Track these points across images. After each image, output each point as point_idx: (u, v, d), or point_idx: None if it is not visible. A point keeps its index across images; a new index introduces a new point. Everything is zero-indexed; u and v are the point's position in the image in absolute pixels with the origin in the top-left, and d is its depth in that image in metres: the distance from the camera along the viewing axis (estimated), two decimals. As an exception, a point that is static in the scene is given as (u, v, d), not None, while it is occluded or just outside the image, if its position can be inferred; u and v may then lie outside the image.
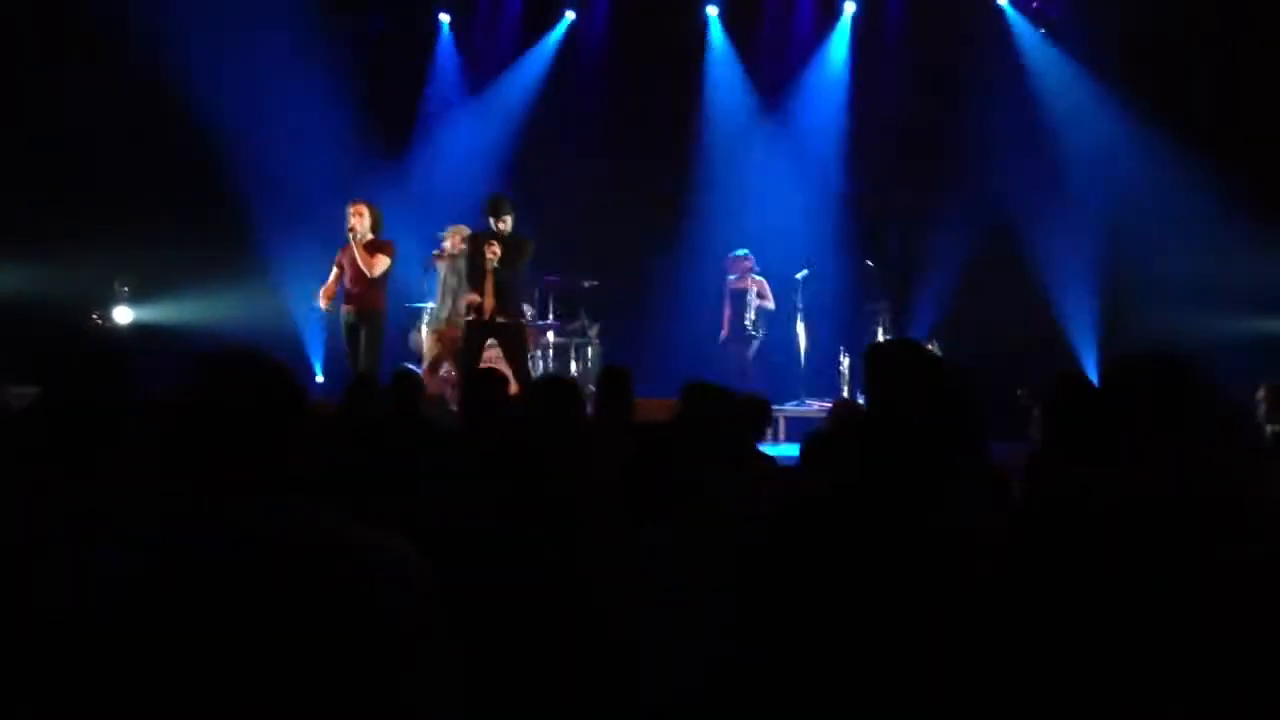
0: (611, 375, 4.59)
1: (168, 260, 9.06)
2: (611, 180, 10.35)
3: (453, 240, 8.13)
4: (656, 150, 10.38)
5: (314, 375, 9.97)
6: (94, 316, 9.08)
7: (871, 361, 2.48)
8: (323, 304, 7.71)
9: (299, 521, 1.46)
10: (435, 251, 8.30)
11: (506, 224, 7.42)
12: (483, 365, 8.08)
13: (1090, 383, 3.66)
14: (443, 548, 1.82)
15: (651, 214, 10.16)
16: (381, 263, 7.47)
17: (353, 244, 7.44)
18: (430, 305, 8.47)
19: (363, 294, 7.51)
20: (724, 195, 10.29)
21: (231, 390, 1.50)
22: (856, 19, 10.48)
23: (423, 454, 3.35)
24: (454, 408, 7.22)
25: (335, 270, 7.63)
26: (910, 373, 2.10)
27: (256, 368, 1.55)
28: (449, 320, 8.07)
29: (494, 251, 7.30)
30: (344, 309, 7.62)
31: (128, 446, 2.41)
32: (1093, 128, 9.46)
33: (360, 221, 7.48)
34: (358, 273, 7.47)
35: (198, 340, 8.08)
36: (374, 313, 7.58)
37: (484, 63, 10.93)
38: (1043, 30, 10.03)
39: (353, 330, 7.58)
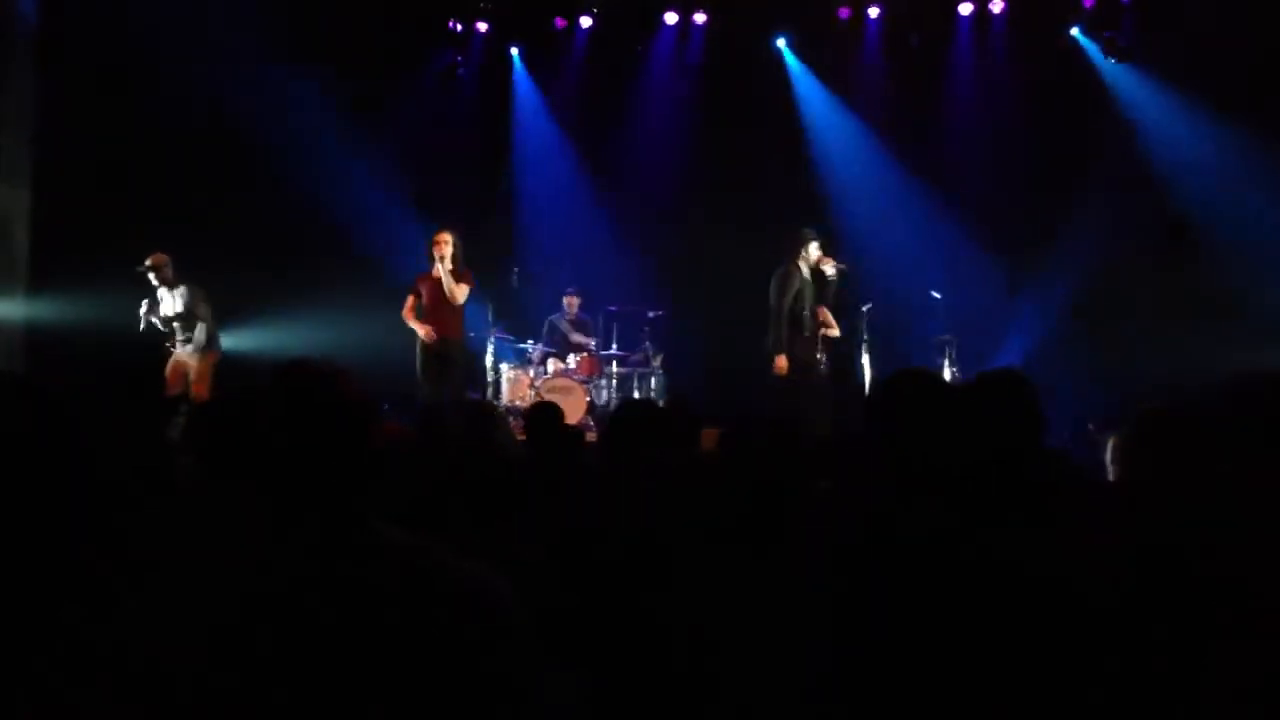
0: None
1: (238, 290, 9.23)
2: (677, 210, 10.39)
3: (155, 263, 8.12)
4: (723, 180, 10.39)
5: (381, 403, 10.08)
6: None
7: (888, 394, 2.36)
8: (423, 332, 7.66)
9: (400, 553, 1.44)
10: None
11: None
12: (548, 398, 8.14)
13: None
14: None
15: (716, 243, 10.15)
16: (464, 291, 7.59)
17: (441, 272, 7.52)
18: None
19: (446, 322, 7.60)
20: (790, 225, 10.25)
21: (305, 395, 1.49)
22: (924, 49, 10.46)
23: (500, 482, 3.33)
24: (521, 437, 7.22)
25: (412, 298, 7.69)
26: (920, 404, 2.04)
27: (327, 372, 1.53)
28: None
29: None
30: (423, 337, 7.65)
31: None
32: (1178, 149, 9.30)
33: (447, 249, 7.57)
34: (441, 301, 7.55)
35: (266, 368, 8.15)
36: (456, 340, 7.68)
37: (550, 95, 11.05)
38: (1114, 59, 9.91)
39: (434, 358, 7.61)
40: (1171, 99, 9.44)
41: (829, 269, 8.16)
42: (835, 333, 9.39)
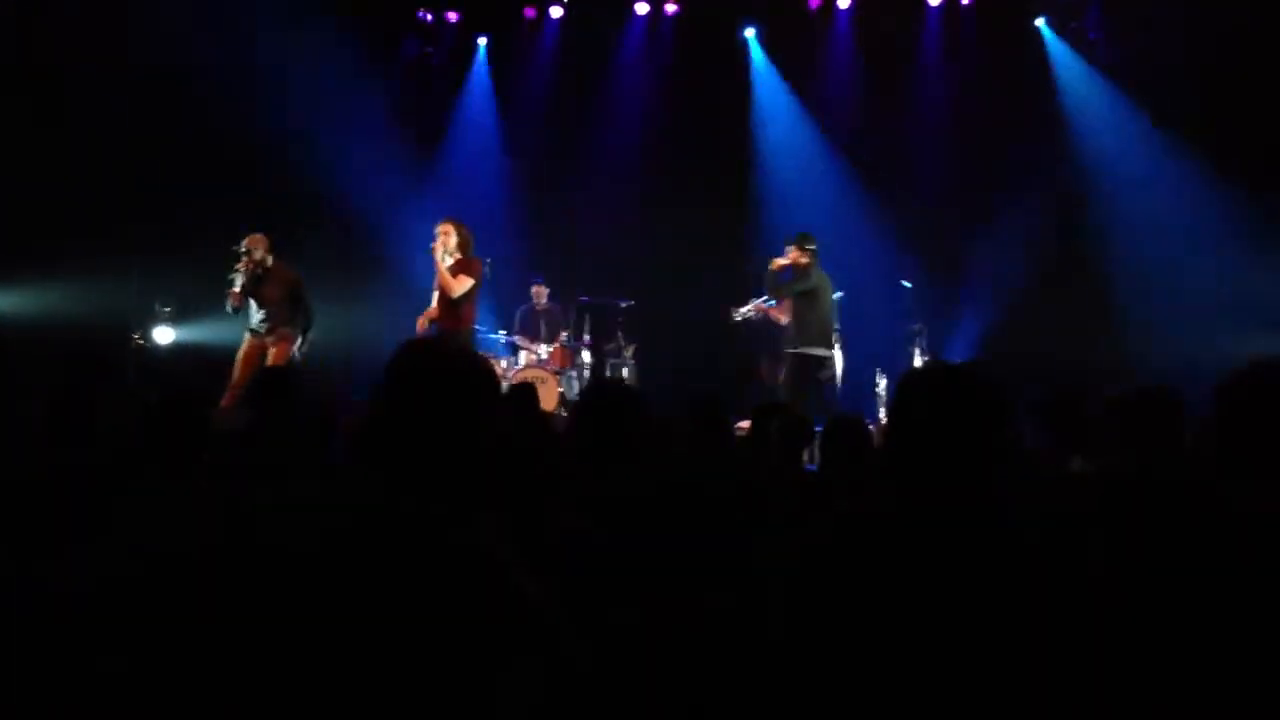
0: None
1: (208, 281, 9.13)
2: (648, 201, 10.38)
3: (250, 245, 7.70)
4: (694, 171, 10.39)
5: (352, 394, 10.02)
6: (135, 337, 9.18)
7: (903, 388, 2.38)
8: (420, 324, 7.55)
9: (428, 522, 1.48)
10: (240, 266, 7.67)
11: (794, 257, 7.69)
12: (520, 381, 8.12)
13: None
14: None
15: (688, 234, 10.16)
16: (464, 283, 7.34)
17: (436, 263, 7.34)
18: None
19: (445, 314, 7.41)
20: (761, 214, 10.27)
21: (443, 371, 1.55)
22: (896, 38, 10.51)
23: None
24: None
25: (435, 294, 7.55)
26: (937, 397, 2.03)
27: (459, 352, 1.62)
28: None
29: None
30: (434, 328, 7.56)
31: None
32: (1125, 146, 9.42)
33: (447, 240, 7.35)
34: (442, 293, 7.40)
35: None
36: (457, 333, 7.39)
37: (521, 85, 11.01)
38: (1080, 47, 10.01)
39: None
40: (1120, 97, 9.56)
41: None
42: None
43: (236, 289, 7.59)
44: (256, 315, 7.66)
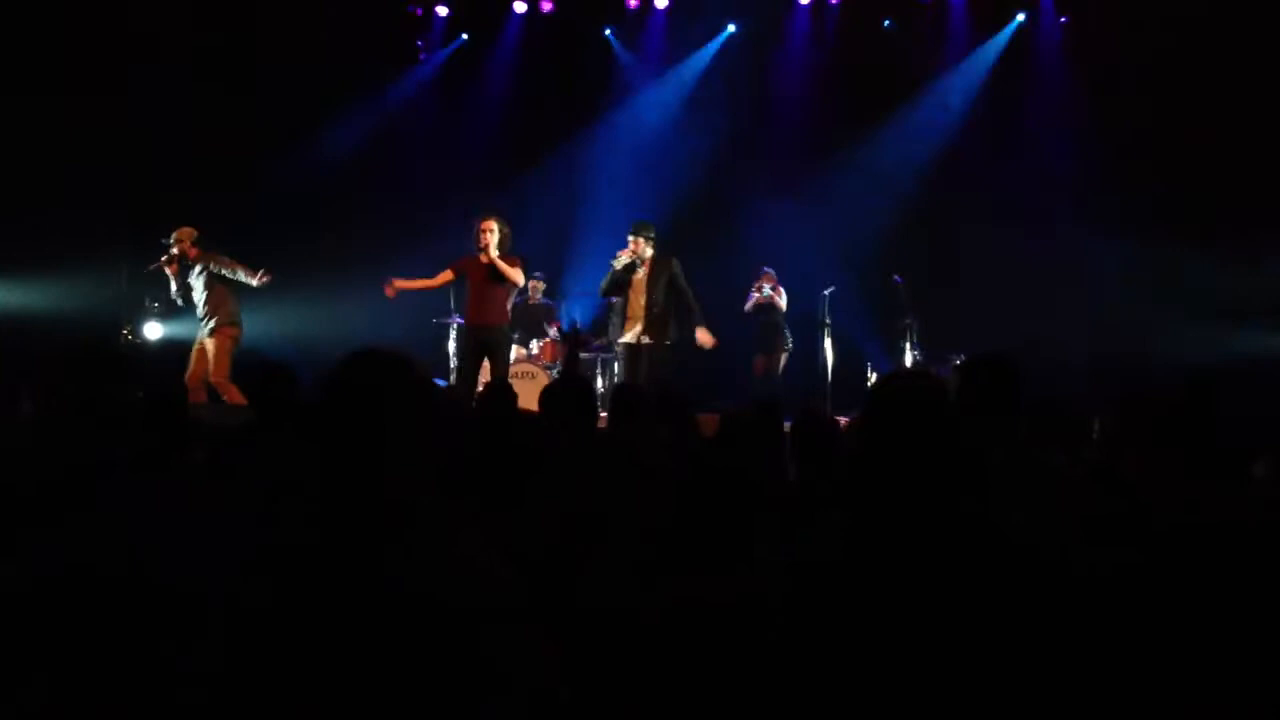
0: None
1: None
2: (635, 197, 10.38)
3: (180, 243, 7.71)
4: (680, 166, 10.41)
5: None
6: (124, 332, 9.14)
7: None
8: (390, 291, 7.59)
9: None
10: (164, 258, 7.74)
11: (639, 246, 7.58)
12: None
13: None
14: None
15: (676, 230, 10.16)
16: (519, 275, 7.40)
17: (493, 259, 7.27)
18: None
19: (489, 309, 7.37)
20: (749, 211, 10.28)
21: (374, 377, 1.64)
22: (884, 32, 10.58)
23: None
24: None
25: (447, 273, 7.51)
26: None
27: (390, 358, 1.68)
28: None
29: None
30: (468, 325, 7.52)
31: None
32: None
33: (492, 238, 7.31)
34: (485, 288, 7.33)
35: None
36: (499, 327, 7.45)
37: (518, 78, 11.02)
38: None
39: (480, 346, 7.44)
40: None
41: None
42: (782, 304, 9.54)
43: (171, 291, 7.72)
44: (198, 311, 7.75)
